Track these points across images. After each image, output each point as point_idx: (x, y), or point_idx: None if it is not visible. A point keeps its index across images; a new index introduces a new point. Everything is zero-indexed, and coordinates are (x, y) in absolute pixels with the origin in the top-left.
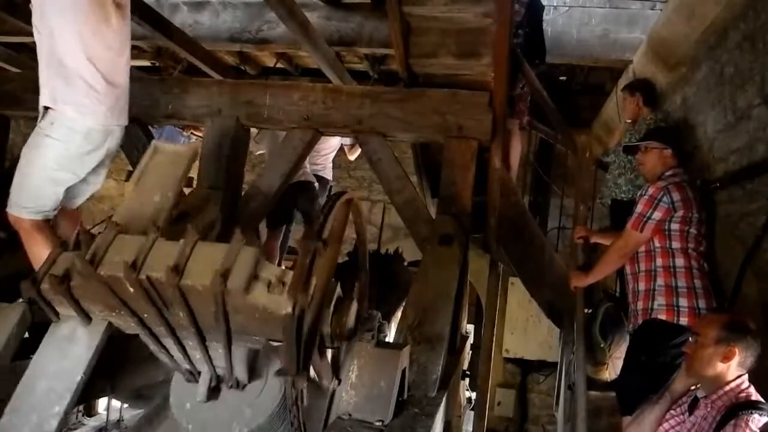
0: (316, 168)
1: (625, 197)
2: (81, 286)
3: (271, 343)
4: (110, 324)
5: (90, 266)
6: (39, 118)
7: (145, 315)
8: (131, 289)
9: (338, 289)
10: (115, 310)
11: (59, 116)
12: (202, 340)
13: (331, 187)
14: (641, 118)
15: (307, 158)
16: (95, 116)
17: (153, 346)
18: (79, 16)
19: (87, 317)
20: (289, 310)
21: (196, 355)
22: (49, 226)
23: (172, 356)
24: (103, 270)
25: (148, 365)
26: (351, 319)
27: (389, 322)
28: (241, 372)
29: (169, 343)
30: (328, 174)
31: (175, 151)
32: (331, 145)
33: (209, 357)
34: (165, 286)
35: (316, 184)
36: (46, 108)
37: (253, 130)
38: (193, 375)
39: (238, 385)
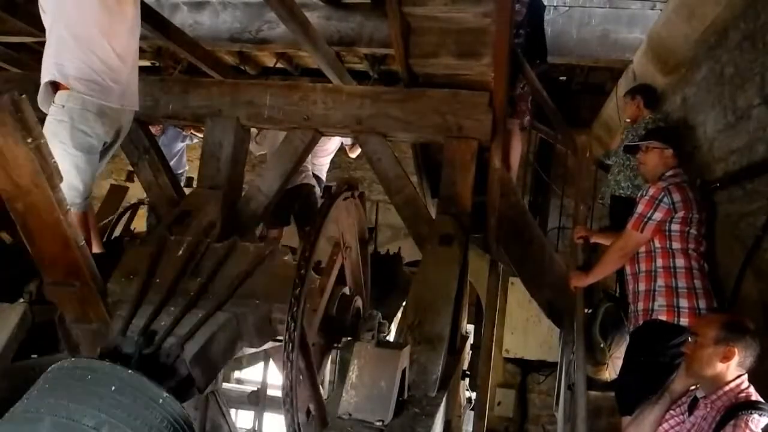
0: (315, 167)
1: (624, 194)
2: None
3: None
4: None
5: None
6: (46, 99)
7: None
8: None
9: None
10: None
11: (69, 96)
12: None
13: (325, 186)
14: (641, 119)
15: (309, 158)
16: (107, 93)
17: None
18: None
19: None
20: None
21: None
22: (86, 222)
23: None
24: None
25: None
26: None
27: (389, 322)
28: None
29: None
30: (323, 173)
31: None
32: (329, 147)
33: None
34: None
35: (317, 188)
36: (54, 86)
37: (254, 131)
38: None
39: None
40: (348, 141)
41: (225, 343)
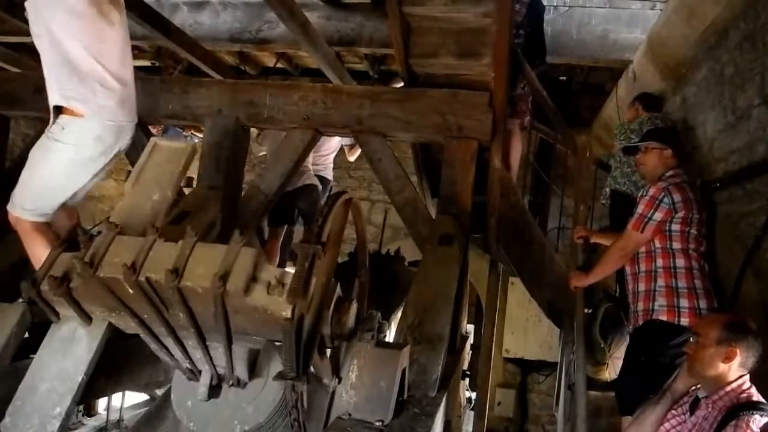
0: (317, 168)
1: (620, 189)
2: (80, 287)
3: (273, 342)
4: (110, 324)
5: (89, 268)
6: (50, 122)
7: (145, 315)
8: (130, 291)
9: (338, 290)
10: (115, 310)
11: (71, 121)
12: (203, 339)
13: (331, 187)
14: (637, 118)
15: (310, 159)
16: (108, 113)
17: (153, 346)
18: (77, 16)
19: (87, 318)
20: (289, 312)
21: (197, 354)
22: (49, 227)
23: (172, 355)
24: (102, 272)
25: (149, 364)
26: (351, 319)
27: (389, 322)
28: (241, 371)
29: (169, 342)
30: (329, 174)
31: (173, 147)
32: (331, 145)
33: (210, 356)
34: (164, 288)
35: (320, 187)
36: (58, 110)
37: (254, 132)
38: (194, 374)
39: (239, 384)
40: (347, 142)
41: None
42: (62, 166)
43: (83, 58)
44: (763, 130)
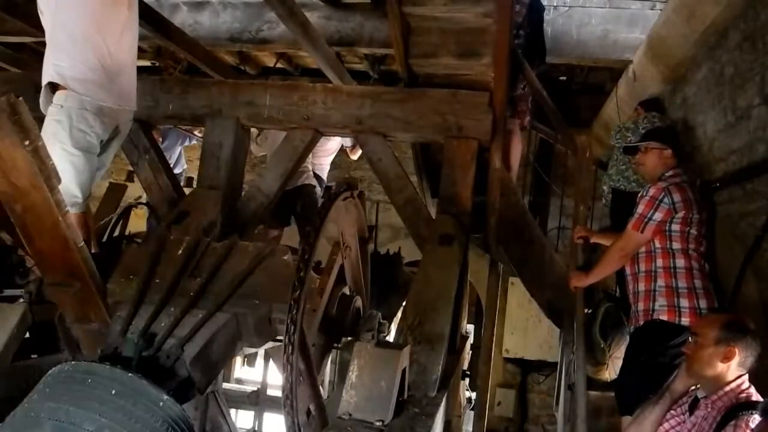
0: (315, 166)
1: (614, 185)
2: None
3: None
4: None
5: None
6: (47, 101)
7: None
8: None
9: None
10: None
11: (68, 96)
12: None
13: (326, 186)
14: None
15: (310, 159)
16: (104, 93)
17: None
18: None
19: None
20: None
21: None
22: (85, 223)
23: None
24: None
25: None
26: None
27: (389, 322)
28: None
29: None
30: (325, 173)
31: None
32: (331, 147)
33: None
34: None
35: (318, 188)
36: (53, 87)
37: (254, 132)
38: None
39: None
40: (348, 142)
41: (224, 344)
42: (69, 145)
43: (85, 30)
44: (763, 130)
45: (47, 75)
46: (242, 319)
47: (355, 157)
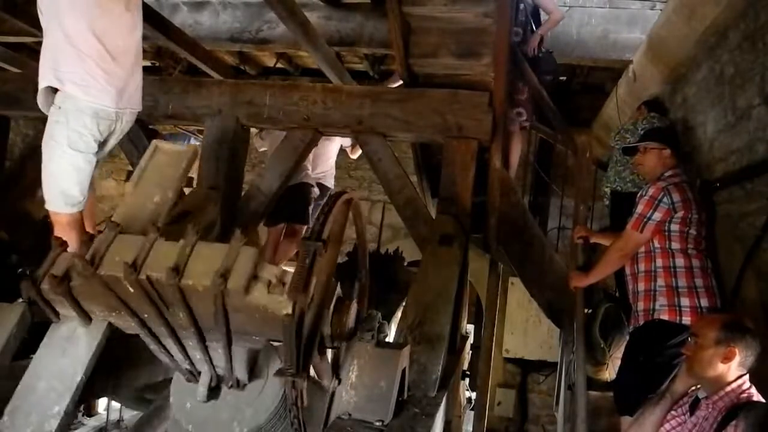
0: (319, 175)
1: (612, 187)
2: (81, 286)
3: (272, 343)
4: (110, 324)
5: (90, 266)
6: (46, 102)
7: (146, 315)
8: (131, 290)
9: (338, 289)
10: (115, 310)
11: (67, 98)
12: (202, 340)
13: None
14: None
15: (311, 164)
16: (103, 96)
17: (153, 346)
18: None
19: (87, 317)
20: (289, 310)
21: (197, 355)
22: (83, 222)
23: (172, 356)
24: (102, 270)
25: (148, 365)
26: (351, 319)
27: (389, 322)
28: (241, 371)
29: (169, 343)
30: (330, 182)
31: (175, 150)
32: (333, 149)
33: (209, 357)
34: (165, 287)
35: (315, 189)
36: (53, 90)
37: (254, 130)
38: (194, 375)
39: (239, 385)
40: (348, 143)
41: None
42: (66, 146)
43: (83, 34)
44: (763, 130)
45: (45, 79)
46: None
47: (354, 156)
